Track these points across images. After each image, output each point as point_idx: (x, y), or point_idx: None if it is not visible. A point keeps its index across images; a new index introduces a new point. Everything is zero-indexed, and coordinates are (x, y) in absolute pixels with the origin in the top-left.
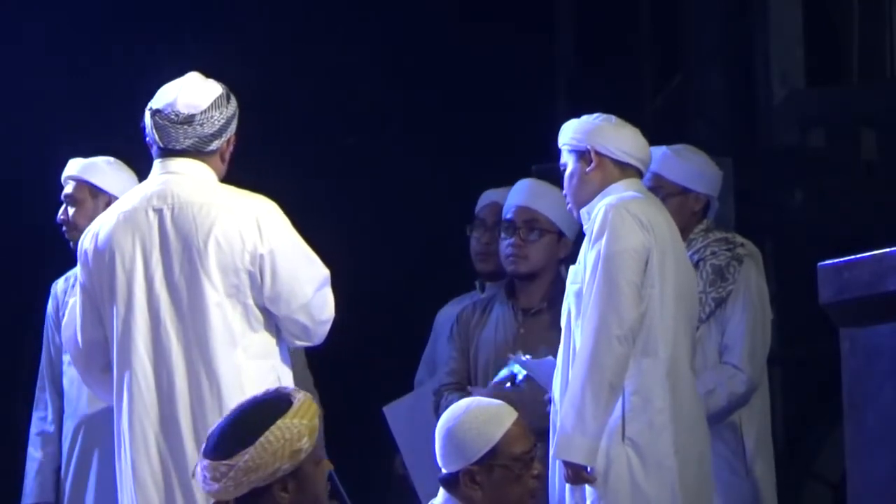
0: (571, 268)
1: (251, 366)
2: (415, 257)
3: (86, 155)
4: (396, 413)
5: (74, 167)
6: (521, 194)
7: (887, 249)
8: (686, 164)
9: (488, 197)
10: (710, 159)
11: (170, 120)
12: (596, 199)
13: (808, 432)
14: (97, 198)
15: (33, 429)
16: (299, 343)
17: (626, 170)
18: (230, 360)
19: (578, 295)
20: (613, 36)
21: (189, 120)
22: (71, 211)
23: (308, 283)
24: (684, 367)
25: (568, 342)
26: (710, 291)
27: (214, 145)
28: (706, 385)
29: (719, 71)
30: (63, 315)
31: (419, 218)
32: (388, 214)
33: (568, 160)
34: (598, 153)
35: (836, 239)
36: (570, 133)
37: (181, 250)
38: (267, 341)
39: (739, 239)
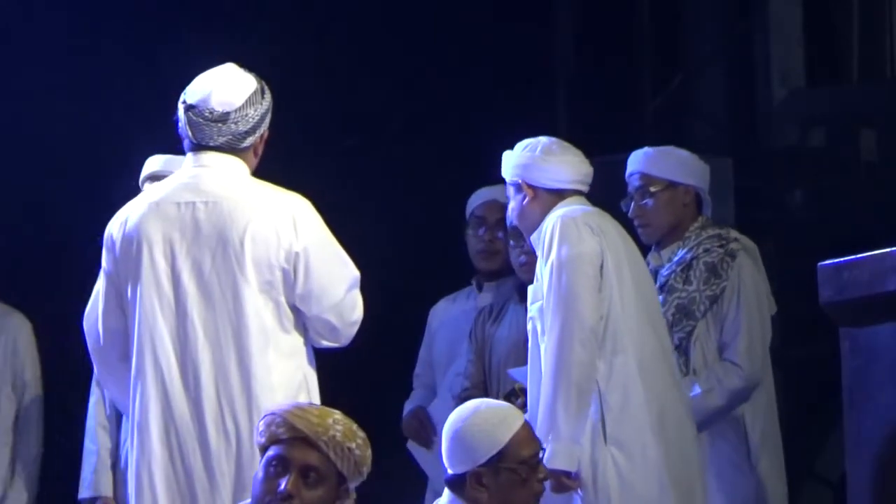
0: (530, 288)
1: (281, 364)
2: (415, 257)
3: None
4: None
5: (156, 164)
6: None
7: (887, 249)
8: (670, 159)
9: (485, 195)
10: (695, 155)
11: (203, 117)
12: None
13: (807, 432)
14: None
15: (90, 421)
16: (326, 343)
17: (563, 194)
18: (263, 358)
19: (542, 311)
20: (613, 36)
21: (224, 118)
22: None
23: (340, 283)
24: (656, 364)
25: (535, 360)
26: (703, 289)
27: (248, 142)
28: (704, 384)
29: (719, 71)
30: None
31: (418, 218)
32: (387, 215)
33: (510, 192)
34: (529, 185)
35: (836, 239)
36: (505, 167)
37: (215, 245)
38: (296, 341)
39: (733, 234)
